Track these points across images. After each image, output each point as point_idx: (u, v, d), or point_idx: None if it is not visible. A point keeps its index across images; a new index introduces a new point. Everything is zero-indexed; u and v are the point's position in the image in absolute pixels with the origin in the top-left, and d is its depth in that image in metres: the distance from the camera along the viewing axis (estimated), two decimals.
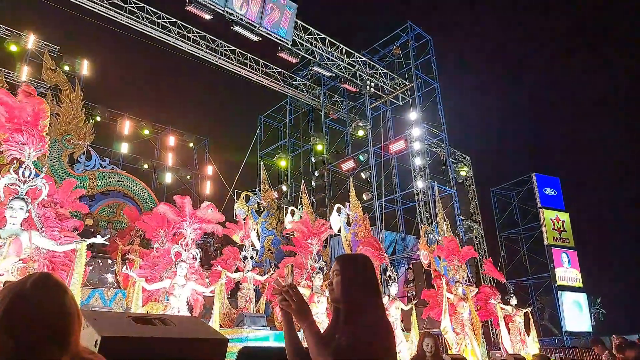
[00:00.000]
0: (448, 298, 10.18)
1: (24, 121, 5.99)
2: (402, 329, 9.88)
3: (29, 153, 6.03)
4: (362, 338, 1.73)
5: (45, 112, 6.26)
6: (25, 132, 5.99)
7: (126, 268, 7.63)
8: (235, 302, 10.78)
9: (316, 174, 19.00)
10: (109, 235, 12.42)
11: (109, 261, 11.63)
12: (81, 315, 1.28)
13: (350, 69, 17.02)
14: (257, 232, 13.44)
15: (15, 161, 6.06)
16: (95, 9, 13.38)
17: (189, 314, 7.59)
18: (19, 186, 5.88)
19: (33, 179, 6.00)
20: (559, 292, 20.40)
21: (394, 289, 9.84)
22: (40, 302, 1.19)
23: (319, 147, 19.12)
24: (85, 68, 16.70)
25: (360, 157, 18.78)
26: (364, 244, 11.02)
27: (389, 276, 10.01)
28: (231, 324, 9.46)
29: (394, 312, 9.46)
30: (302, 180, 16.32)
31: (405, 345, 9.26)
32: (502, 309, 11.03)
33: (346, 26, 27.44)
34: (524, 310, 11.46)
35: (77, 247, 5.98)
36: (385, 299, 9.50)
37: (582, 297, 21.18)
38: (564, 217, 22.09)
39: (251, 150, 20.42)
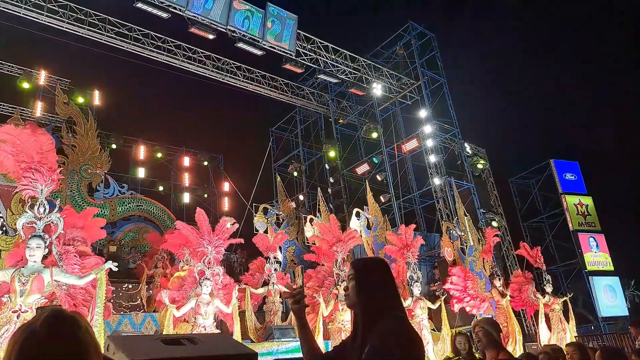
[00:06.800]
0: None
1: (32, 159, 6.11)
2: (433, 329, 9.73)
3: (42, 189, 6.12)
4: (384, 349, 1.63)
5: (51, 146, 6.36)
6: (36, 170, 6.10)
7: (158, 293, 7.67)
8: (263, 316, 10.77)
9: (332, 180, 18.99)
10: (138, 261, 12.64)
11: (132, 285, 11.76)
12: (99, 348, 1.23)
13: (356, 74, 17.04)
14: None
15: (30, 199, 6.15)
16: (101, 39, 13.67)
17: (217, 331, 7.61)
18: (35, 223, 5.95)
19: (48, 214, 6.07)
20: (590, 277, 19.97)
21: (416, 289, 9.67)
22: (54, 340, 1.14)
23: (332, 154, 19.13)
24: (96, 98, 17.04)
25: (374, 159, 18.74)
26: (391, 238, 10.74)
27: (410, 276, 9.83)
28: (260, 338, 9.43)
29: (419, 312, 9.27)
30: (319, 187, 16.30)
31: (432, 347, 9.10)
32: (537, 299, 10.83)
33: (348, 32, 27.52)
34: (562, 299, 11.28)
35: (97, 276, 6.04)
36: (408, 300, 9.36)
37: (615, 281, 20.69)
38: (587, 201, 21.67)
39: (265, 163, 20.51)
